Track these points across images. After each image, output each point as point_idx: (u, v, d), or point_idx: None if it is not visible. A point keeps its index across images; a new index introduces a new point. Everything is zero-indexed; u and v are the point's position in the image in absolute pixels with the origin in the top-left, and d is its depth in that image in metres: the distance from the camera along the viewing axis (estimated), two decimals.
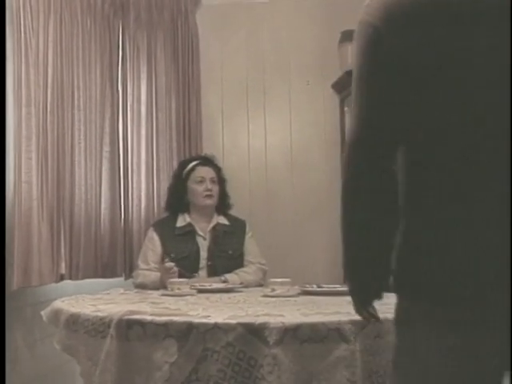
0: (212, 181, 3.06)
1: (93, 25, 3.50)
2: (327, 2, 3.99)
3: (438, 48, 1.14)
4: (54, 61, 3.08)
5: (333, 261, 3.87)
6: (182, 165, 3.21)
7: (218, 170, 3.14)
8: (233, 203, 3.16)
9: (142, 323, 1.64)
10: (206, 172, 3.07)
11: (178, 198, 3.08)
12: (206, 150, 3.76)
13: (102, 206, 3.52)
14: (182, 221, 3.03)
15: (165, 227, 3.02)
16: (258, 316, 1.68)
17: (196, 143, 3.80)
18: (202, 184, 3.02)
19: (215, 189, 3.06)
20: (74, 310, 1.90)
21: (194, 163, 3.12)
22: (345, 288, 2.39)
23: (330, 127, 3.95)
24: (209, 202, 3.03)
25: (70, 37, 3.26)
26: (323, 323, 1.59)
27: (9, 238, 2.70)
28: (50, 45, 3.06)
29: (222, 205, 3.11)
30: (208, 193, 3.02)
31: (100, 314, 1.78)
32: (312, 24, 4.02)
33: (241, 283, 2.77)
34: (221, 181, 3.13)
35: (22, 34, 2.83)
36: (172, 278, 2.58)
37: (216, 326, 1.56)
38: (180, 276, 2.68)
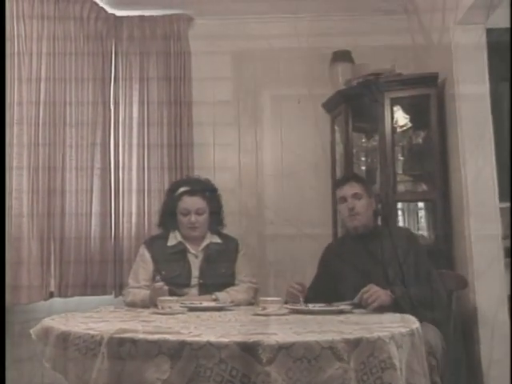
0: (197, 212, 2.97)
1: (86, 42, 3.51)
2: (319, 22, 4.04)
3: None
4: (47, 77, 3.08)
5: None
6: (172, 187, 3.16)
7: (207, 198, 3.03)
8: (225, 222, 3.13)
9: (133, 341, 1.62)
10: (191, 204, 2.98)
11: (171, 215, 3.03)
12: (198, 167, 3.76)
13: (93, 223, 3.50)
14: (173, 239, 2.99)
15: (156, 245, 2.99)
16: (250, 334, 1.67)
17: (187, 160, 3.80)
18: (185, 216, 2.97)
19: (200, 219, 2.97)
20: (65, 327, 1.88)
21: (181, 191, 3.03)
22: (334, 307, 2.41)
23: (321, 145, 3.97)
24: (193, 233, 2.98)
25: (62, 53, 3.26)
26: (317, 341, 1.58)
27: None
28: (43, 61, 3.06)
29: (216, 223, 3.09)
30: (191, 225, 2.96)
31: (91, 331, 1.76)
32: (303, 43, 4.05)
33: (231, 301, 2.74)
34: (213, 202, 3.08)
35: (16, 51, 2.83)
36: (162, 296, 2.55)
37: (209, 343, 1.54)
38: (170, 294, 2.65)
